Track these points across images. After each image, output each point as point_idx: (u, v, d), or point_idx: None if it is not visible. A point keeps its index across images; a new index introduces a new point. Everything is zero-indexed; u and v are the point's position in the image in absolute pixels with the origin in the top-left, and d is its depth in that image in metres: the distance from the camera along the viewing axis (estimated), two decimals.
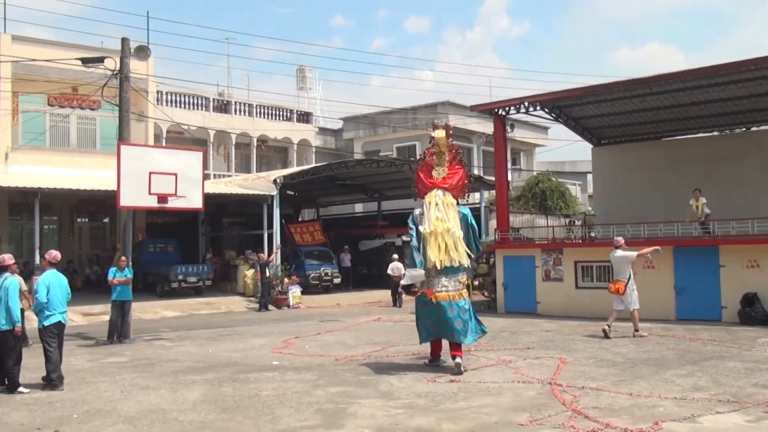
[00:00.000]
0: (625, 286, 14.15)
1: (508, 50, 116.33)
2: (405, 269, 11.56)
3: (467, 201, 19.67)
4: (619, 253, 14.44)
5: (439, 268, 10.69)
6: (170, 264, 25.12)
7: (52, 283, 10.04)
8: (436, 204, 10.99)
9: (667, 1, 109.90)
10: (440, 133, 11.49)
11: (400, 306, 22.27)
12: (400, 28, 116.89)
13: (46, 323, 9.95)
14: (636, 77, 19.17)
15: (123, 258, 15.41)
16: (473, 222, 11.25)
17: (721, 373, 10.11)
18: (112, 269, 15.27)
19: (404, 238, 29.17)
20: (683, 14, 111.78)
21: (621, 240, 14.81)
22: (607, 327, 14.21)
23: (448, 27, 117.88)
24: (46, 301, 9.88)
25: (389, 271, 23.02)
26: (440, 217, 10.82)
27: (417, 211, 11.32)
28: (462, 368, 10.42)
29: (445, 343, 11.17)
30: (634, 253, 14.32)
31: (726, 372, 10.16)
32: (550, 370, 10.58)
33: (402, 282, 11.78)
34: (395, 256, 24.02)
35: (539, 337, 14.51)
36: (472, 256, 11.22)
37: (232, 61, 71.69)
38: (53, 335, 10.00)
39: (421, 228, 10.97)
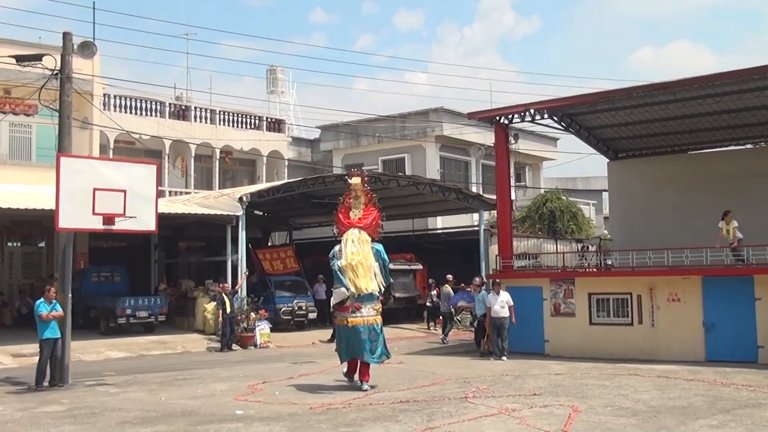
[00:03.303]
0: None
1: (513, 50, 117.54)
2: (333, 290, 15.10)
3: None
4: None
5: (361, 294, 13.95)
6: (117, 296, 24.88)
7: None
8: (352, 241, 14.30)
9: None
10: (356, 180, 14.75)
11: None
12: (389, 24, 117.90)
13: None
14: (659, 81, 19.37)
15: (50, 288, 15.32)
16: (385, 257, 14.84)
17: (758, 423, 10.13)
18: (40, 302, 15.16)
19: (390, 266, 29.10)
20: (715, 11, 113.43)
21: None
22: None
23: (445, 23, 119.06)
24: None
25: None
26: (355, 252, 14.15)
27: (336, 248, 14.50)
28: (367, 389, 13.72)
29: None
30: None
31: (763, 422, 10.18)
32: (561, 420, 10.56)
33: (332, 301, 14.60)
34: None
35: (547, 382, 14.49)
36: (384, 285, 14.68)
37: (192, 61, 71.86)
38: None
39: (339, 262, 14.20)
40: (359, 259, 14.13)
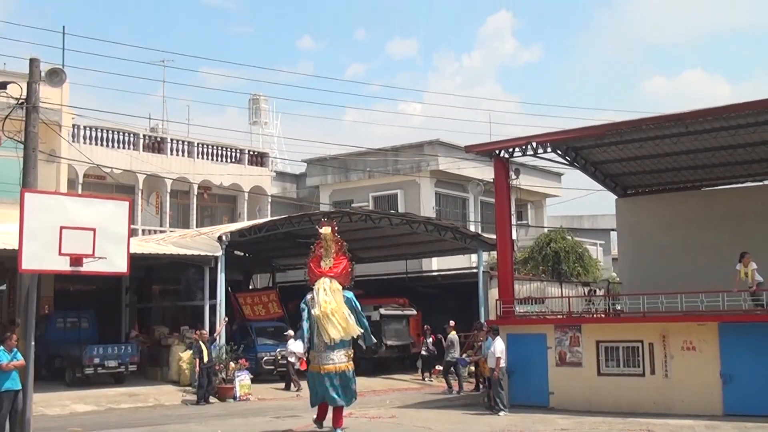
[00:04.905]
0: None
1: (514, 79, 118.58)
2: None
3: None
4: None
5: (335, 341, 15.21)
6: (84, 343, 24.74)
7: None
8: (324, 290, 15.55)
9: (713, 22, 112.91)
10: (327, 230, 16.07)
11: (298, 389, 24.25)
12: (382, 52, 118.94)
13: None
14: (670, 113, 19.54)
15: (11, 335, 15.23)
16: (357, 304, 16.12)
17: None
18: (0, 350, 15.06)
19: (382, 311, 29.13)
20: (732, 37, 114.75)
21: None
22: None
23: (441, 51, 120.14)
24: None
25: None
26: (327, 300, 15.39)
27: (308, 296, 15.88)
28: None
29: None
30: None
31: None
32: None
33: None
34: None
35: None
36: (360, 332, 15.84)
37: (168, 89, 72.20)
38: None
39: (313, 311, 15.47)
40: (333, 307, 15.36)
